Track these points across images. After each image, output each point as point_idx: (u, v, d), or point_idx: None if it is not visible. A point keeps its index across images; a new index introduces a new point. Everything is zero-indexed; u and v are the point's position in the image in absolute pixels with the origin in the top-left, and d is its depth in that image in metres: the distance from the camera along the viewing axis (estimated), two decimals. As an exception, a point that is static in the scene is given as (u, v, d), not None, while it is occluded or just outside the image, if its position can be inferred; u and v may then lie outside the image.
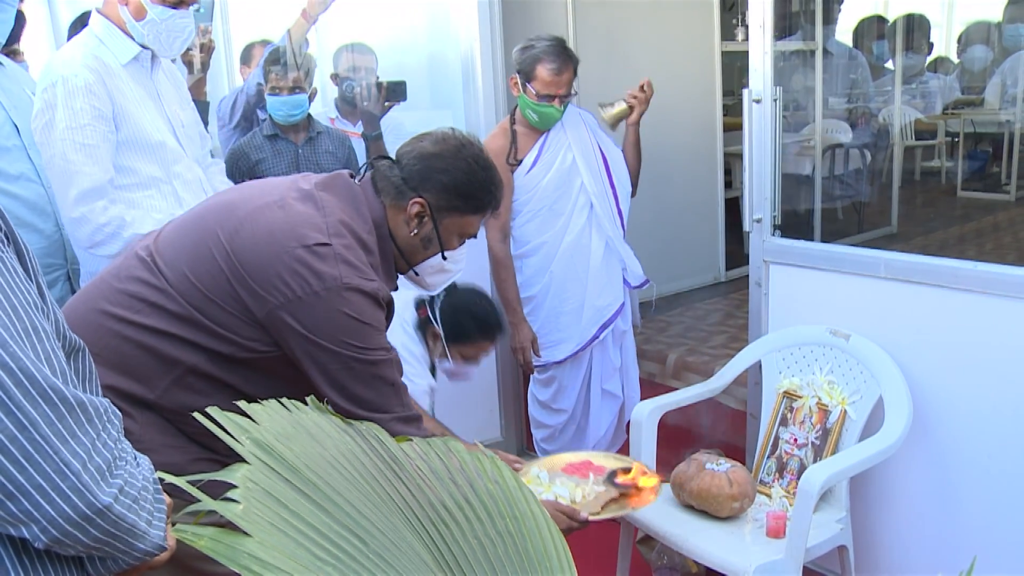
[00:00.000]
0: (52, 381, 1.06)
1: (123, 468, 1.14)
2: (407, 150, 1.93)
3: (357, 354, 1.75)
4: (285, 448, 1.03)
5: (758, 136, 2.96)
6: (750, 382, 3.14)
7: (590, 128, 3.36)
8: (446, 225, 1.92)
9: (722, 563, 2.45)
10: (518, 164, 3.26)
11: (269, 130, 3.44)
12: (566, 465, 2.34)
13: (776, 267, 2.99)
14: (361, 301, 1.74)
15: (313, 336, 1.72)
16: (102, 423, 1.12)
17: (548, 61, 3.09)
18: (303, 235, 1.74)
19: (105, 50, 2.58)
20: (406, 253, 1.94)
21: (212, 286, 1.74)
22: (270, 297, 1.71)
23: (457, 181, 1.89)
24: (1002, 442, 2.49)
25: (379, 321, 1.80)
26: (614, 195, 3.37)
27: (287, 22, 3.74)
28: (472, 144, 1.94)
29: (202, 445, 1.77)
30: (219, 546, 0.86)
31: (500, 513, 1.13)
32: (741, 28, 6.18)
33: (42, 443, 1.04)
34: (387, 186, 1.90)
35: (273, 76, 3.34)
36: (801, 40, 5.28)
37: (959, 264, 2.56)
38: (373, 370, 1.78)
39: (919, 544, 2.74)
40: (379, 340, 1.79)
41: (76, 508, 1.06)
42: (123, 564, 1.19)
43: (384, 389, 1.80)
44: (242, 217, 1.78)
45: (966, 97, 6.72)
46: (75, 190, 2.50)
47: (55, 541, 1.08)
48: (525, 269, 3.37)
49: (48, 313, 1.15)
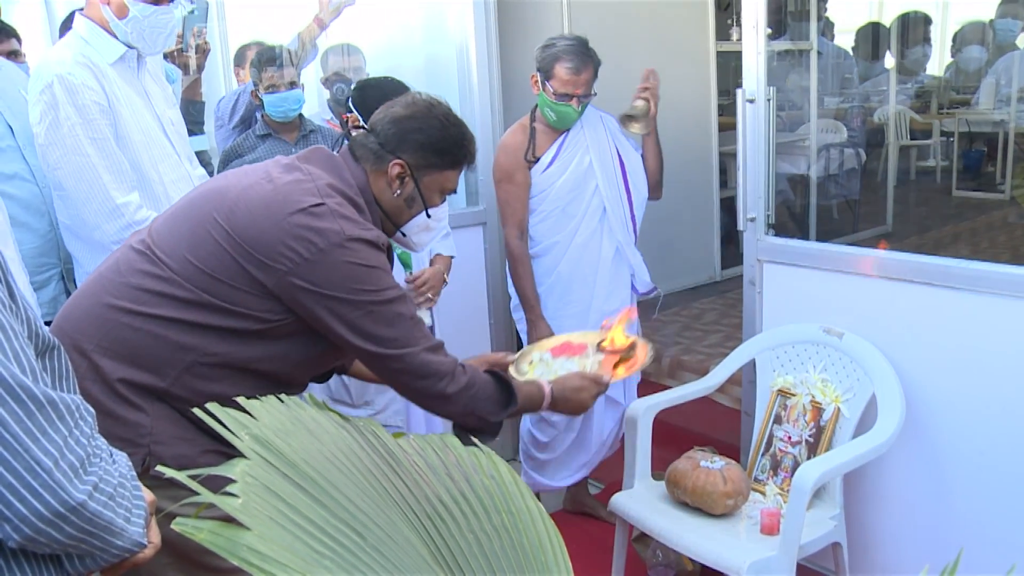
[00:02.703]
0: (20, 379, 1.06)
1: (97, 465, 1.14)
2: (379, 117, 2.00)
3: (374, 297, 1.80)
4: (284, 443, 1.04)
5: (752, 135, 2.97)
6: (744, 380, 3.15)
7: (609, 131, 3.33)
8: (426, 183, 1.99)
9: (717, 560, 2.47)
10: (535, 161, 3.25)
11: (262, 130, 3.45)
12: (552, 348, 2.42)
13: (770, 266, 3.00)
14: (365, 248, 1.80)
15: (328, 292, 1.76)
16: (74, 420, 1.12)
17: (566, 60, 3.08)
18: (297, 200, 1.79)
19: (92, 50, 2.60)
20: (391, 215, 1.99)
21: (217, 267, 1.77)
22: (278, 266, 1.75)
23: (432, 139, 1.95)
24: (993, 439, 2.50)
25: (384, 264, 1.86)
26: (629, 201, 3.34)
27: (282, 24, 3.76)
28: (440, 104, 2.02)
29: (212, 436, 1.78)
30: (218, 539, 0.87)
31: (496, 508, 1.15)
32: (736, 28, 6.20)
33: (11, 441, 1.04)
34: (365, 153, 1.96)
35: (268, 75, 3.35)
36: (790, 40, 5.29)
37: (951, 263, 2.57)
38: (392, 308, 1.83)
39: (912, 540, 2.76)
40: (389, 280, 1.85)
41: (48, 506, 1.06)
42: (101, 562, 1.19)
43: (405, 324, 1.85)
44: (235, 197, 1.82)
45: (960, 96, 6.74)
46: (108, 176, 2.53)
47: (28, 540, 1.08)
48: (537, 268, 3.34)
49: (18, 312, 1.15)
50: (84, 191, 2.54)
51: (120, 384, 1.75)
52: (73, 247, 2.70)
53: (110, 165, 2.55)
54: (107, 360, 1.76)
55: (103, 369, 1.75)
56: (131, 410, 1.75)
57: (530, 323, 3.29)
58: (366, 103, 2.92)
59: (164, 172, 2.71)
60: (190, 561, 1.76)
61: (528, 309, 3.29)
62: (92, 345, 1.77)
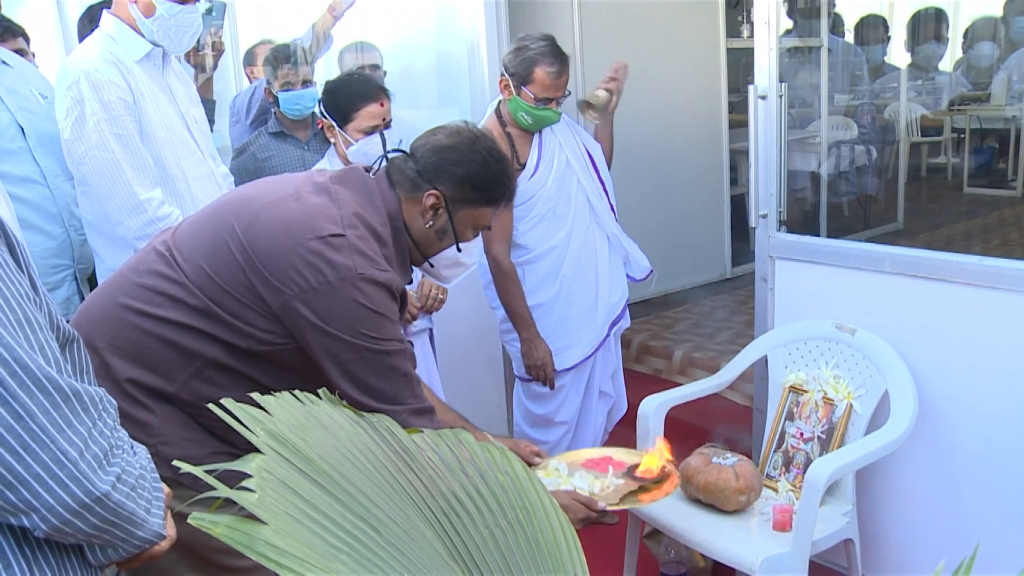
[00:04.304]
0: (47, 371, 1.07)
1: (120, 456, 1.15)
2: (421, 143, 1.95)
3: (371, 344, 1.75)
4: (299, 439, 1.05)
5: (764, 132, 2.96)
6: (756, 377, 3.15)
7: (570, 124, 3.29)
8: (460, 217, 1.93)
9: (729, 556, 2.47)
10: (522, 168, 3.15)
11: (275, 127, 3.46)
12: (586, 460, 2.32)
13: (782, 262, 3.00)
14: (375, 291, 1.75)
15: (327, 327, 1.72)
16: (98, 412, 1.13)
17: (547, 64, 2.99)
18: (317, 226, 1.75)
19: (118, 48, 2.63)
20: (421, 245, 1.95)
21: (228, 278, 1.75)
22: (285, 288, 1.72)
23: (471, 173, 1.90)
24: (1007, 435, 2.49)
25: (393, 312, 1.81)
26: (604, 189, 3.30)
27: (292, 22, 3.76)
28: (485, 137, 1.96)
29: (220, 439, 1.79)
30: (236, 533, 0.87)
31: (511, 504, 1.14)
32: (746, 25, 6.19)
33: (39, 432, 1.05)
34: (402, 179, 1.91)
35: (284, 72, 3.36)
36: (798, 37, 5.28)
37: (964, 259, 2.56)
38: (387, 360, 1.78)
39: (924, 537, 2.75)
40: (393, 331, 1.80)
41: (74, 496, 1.07)
42: (123, 552, 1.20)
43: (397, 380, 1.81)
44: (258, 210, 1.80)
45: (972, 93, 6.71)
46: (132, 173, 2.55)
47: (55, 530, 1.09)
48: (530, 277, 3.22)
49: (41, 304, 1.16)
50: (108, 187, 2.56)
51: (128, 384, 1.75)
52: (96, 243, 2.72)
53: (134, 161, 2.57)
54: (117, 359, 1.76)
55: (113, 368, 1.75)
56: (139, 409, 1.75)
57: (527, 342, 3.18)
58: (338, 105, 2.87)
59: (187, 169, 2.73)
60: (200, 558, 1.77)
61: (525, 328, 3.17)
62: (104, 343, 1.77)
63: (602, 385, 3.44)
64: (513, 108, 3.10)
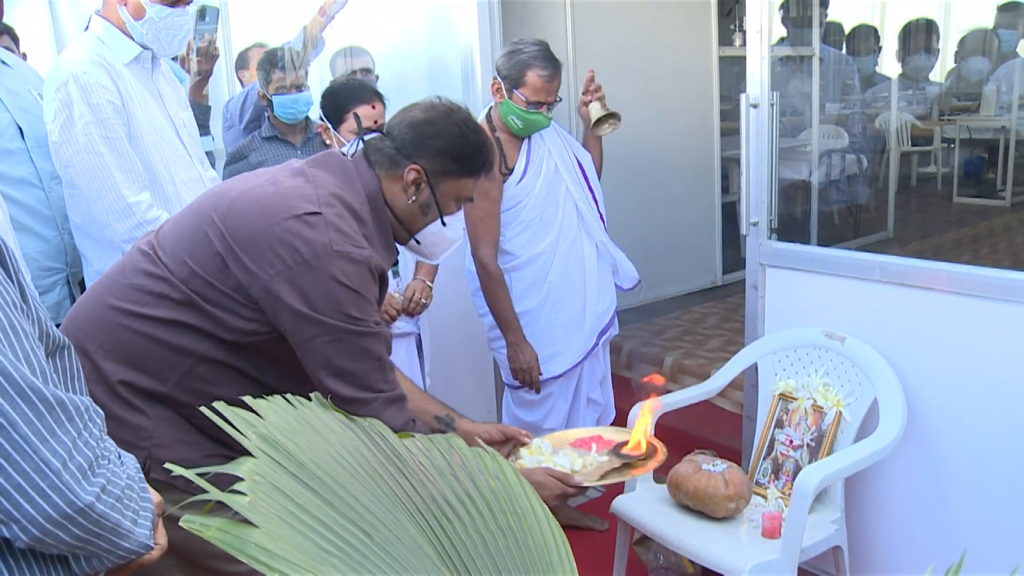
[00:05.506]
0: (30, 380, 1.06)
1: (105, 467, 1.14)
2: (397, 121, 1.95)
3: (346, 324, 1.73)
4: (290, 443, 1.05)
5: (755, 140, 2.97)
6: (746, 384, 3.16)
7: (561, 134, 3.29)
8: (443, 190, 1.93)
9: (718, 563, 2.47)
10: (509, 173, 3.14)
11: (268, 132, 3.45)
12: (575, 440, 2.27)
13: (772, 270, 3.01)
14: (352, 268, 1.73)
15: (303, 308, 1.70)
16: (83, 422, 1.12)
17: (540, 68, 2.99)
18: (293, 206, 1.74)
19: (107, 50, 2.62)
20: (405, 221, 1.94)
21: (210, 268, 1.74)
22: (261, 272, 1.71)
23: (450, 145, 1.90)
24: (994, 444, 2.51)
25: (370, 291, 1.79)
26: (594, 198, 3.29)
27: (283, 27, 3.76)
28: (460, 109, 1.96)
29: (215, 440, 1.78)
30: (227, 536, 0.87)
31: (501, 508, 1.15)
32: (739, 33, 6.21)
33: (20, 442, 1.04)
34: (380, 158, 1.91)
35: (277, 76, 3.36)
36: (790, 46, 5.31)
37: (953, 268, 2.58)
38: (361, 343, 1.76)
39: (912, 544, 2.76)
40: (369, 311, 1.78)
41: (56, 507, 1.07)
42: (108, 563, 1.19)
43: (371, 363, 1.78)
44: (235, 197, 1.80)
45: (962, 103, 6.76)
46: (120, 176, 2.55)
47: (36, 540, 1.08)
48: (517, 283, 3.20)
49: (29, 313, 1.15)
50: (96, 189, 2.56)
51: (121, 386, 1.75)
52: (83, 246, 2.71)
53: (122, 164, 2.57)
54: (108, 362, 1.75)
55: (104, 371, 1.75)
56: (132, 412, 1.75)
57: (514, 346, 3.17)
58: (332, 107, 2.91)
59: (176, 173, 2.72)
60: (194, 563, 1.76)
61: (511, 331, 3.15)
62: (94, 347, 1.76)
63: (590, 392, 3.43)
64: (504, 111, 3.10)
